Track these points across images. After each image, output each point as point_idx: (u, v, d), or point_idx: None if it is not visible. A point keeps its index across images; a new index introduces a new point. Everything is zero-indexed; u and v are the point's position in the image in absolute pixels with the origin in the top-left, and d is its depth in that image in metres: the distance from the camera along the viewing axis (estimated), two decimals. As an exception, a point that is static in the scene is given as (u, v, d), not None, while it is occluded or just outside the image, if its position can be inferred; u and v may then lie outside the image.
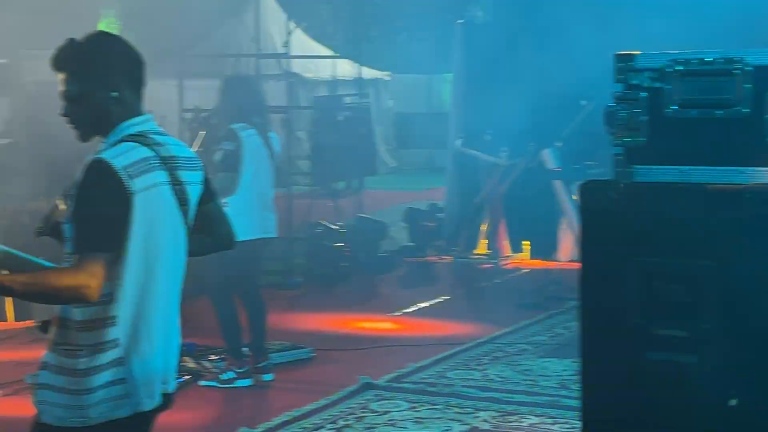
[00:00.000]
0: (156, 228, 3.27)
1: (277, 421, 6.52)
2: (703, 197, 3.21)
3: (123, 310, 3.22)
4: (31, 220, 10.41)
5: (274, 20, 19.61)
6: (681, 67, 3.29)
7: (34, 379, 3.26)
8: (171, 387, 3.42)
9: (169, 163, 3.32)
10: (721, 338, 3.16)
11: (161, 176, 3.28)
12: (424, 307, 10.12)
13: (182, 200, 3.37)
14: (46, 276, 3.22)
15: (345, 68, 19.80)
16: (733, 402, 3.14)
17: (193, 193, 3.44)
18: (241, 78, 8.29)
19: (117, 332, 3.22)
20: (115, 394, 3.22)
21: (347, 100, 16.57)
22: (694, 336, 3.18)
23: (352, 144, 14.81)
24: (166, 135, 3.40)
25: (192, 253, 3.51)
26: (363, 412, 6.69)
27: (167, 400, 3.40)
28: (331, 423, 6.50)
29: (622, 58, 3.37)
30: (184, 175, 3.38)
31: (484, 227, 12.06)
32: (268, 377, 7.50)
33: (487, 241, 12.05)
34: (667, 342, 3.21)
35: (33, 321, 8.93)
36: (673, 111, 3.30)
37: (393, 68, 26.01)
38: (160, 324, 3.32)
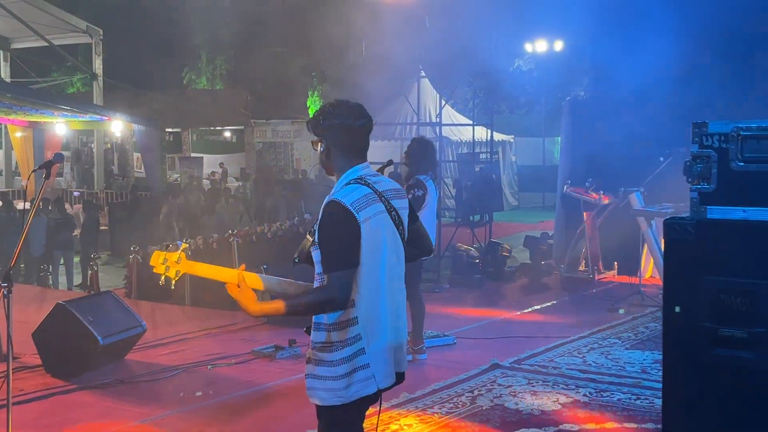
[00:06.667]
0: (380, 246, 3.19)
1: (429, 389, 6.49)
2: (759, 231, 3.06)
3: (361, 310, 3.15)
4: (257, 239, 10.70)
5: (430, 98, 19.78)
6: (743, 132, 3.15)
7: (260, 354, 3.29)
8: (403, 367, 3.32)
9: (384, 196, 3.25)
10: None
11: (380, 207, 3.22)
12: (537, 308, 9.96)
13: (398, 223, 3.29)
14: (308, 295, 3.18)
15: (481, 133, 19.76)
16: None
17: (404, 216, 3.35)
18: (425, 140, 8.33)
19: (358, 329, 3.14)
20: (363, 376, 3.15)
21: (482, 156, 16.55)
22: (751, 337, 3.02)
23: (486, 188, 14.77)
24: (379, 175, 3.34)
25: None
26: (492, 385, 6.61)
27: (400, 378, 3.31)
28: (468, 392, 6.43)
29: (697, 125, 3.24)
30: (396, 203, 3.30)
31: (584, 250, 11.78)
32: (423, 357, 7.49)
33: (584, 261, 11.77)
34: (730, 341, 3.06)
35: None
36: (737, 165, 3.16)
37: (516, 133, 25.94)
38: (390, 319, 3.22)
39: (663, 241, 3.29)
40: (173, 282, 3.28)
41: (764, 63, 10.17)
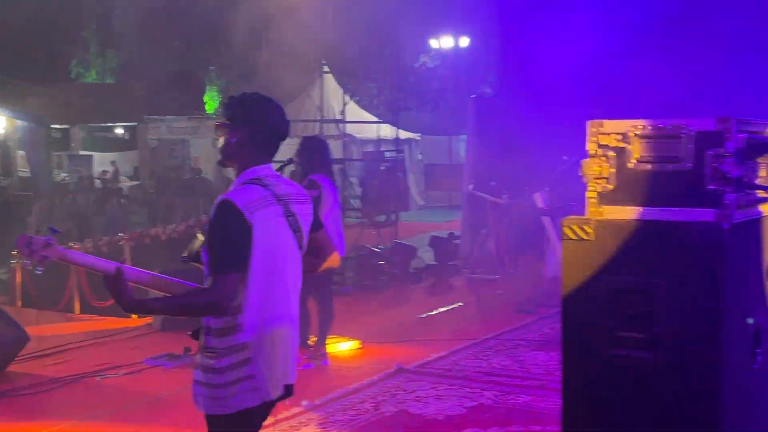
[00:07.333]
0: (273, 251, 3.13)
1: (331, 397, 6.48)
2: (656, 231, 3.16)
3: (248, 318, 3.08)
4: (151, 242, 10.50)
5: (334, 95, 19.78)
6: (639, 132, 3.25)
7: (153, 363, 3.23)
8: (292, 379, 3.26)
9: (283, 199, 3.19)
10: (669, 340, 3.10)
11: (276, 210, 3.16)
12: (443, 311, 10.07)
13: (295, 228, 3.23)
14: (187, 296, 3.14)
15: (386, 131, 19.89)
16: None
17: (305, 222, 3.30)
18: (316, 138, 8.28)
19: (244, 336, 3.08)
20: (247, 387, 3.10)
21: (388, 154, 16.65)
22: (650, 337, 3.12)
23: (391, 187, 14.87)
24: (280, 178, 3.27)
25: (306, 270, 3.37)
26: (396, 391, 6.65)
27: (288, 390, 3.25)
28: (372, 399, 6.45)
29: (593, 124, 3.33)
30: (295, 208, 3.25)
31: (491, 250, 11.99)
32: (325, 363, 7.48)
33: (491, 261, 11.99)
34: (628, 342, 3.16)
35: (151, 318, 8.99)
36: (634, 165, 3.26)
37: (422, 131, 26.18)
38: (280, 328, 3.16)
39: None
40: (37, 266, 3.14)
41: (681, 57, 10.50)
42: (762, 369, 3.38)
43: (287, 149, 8.06)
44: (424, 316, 9.78)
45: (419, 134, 25.90)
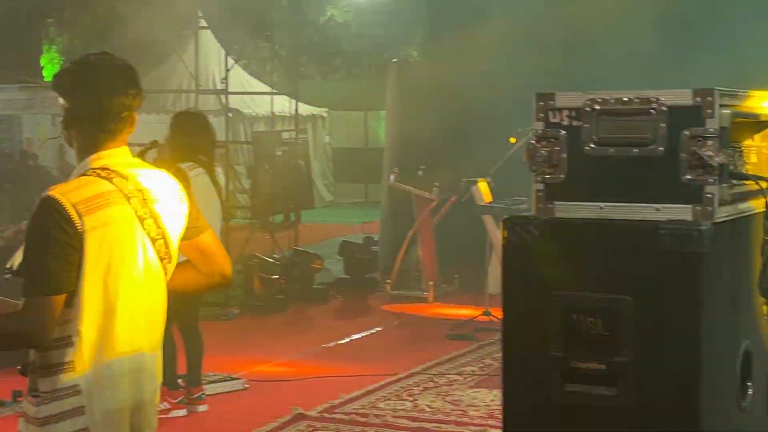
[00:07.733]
0: (116, 265, 3.04)
1: (209, 452, 6.45)
2: (620, 233, 3.21)
3: (80, 354, 2.99)
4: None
5: (213, 57, 19.61)
6: (599, 107, 3.29)
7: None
8: None
9: (137, 197, 3.12)
10: (637, 372, 3.15)
11: (124, 211, 3.08)
12: (356, 339, 10.09)
13: (156, 236, 3.15)
14: None
15: (283, 104, 19.82)
16: None
17: (172, 226, 3.22)
18: (191, 114, 8.20)
19: (76, 379, 3.00)
20: None
21: (285, 135, 16.59)
22: (611, 369, 3.17)
23: (290, 178, 14.83)
24: (139, 167, 3.19)
25: (182, 289, 3.34)
26: (295, 443, 6.65)
27: None
28: (263, 453, 6.44)
29: (541, 97, 3.36)
30: (160, 208, 3.16)
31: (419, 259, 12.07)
32: (202, 408, 7.43)
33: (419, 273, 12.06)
34: (585, 374, 3.20)
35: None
36: (592, 149, 3.30)
37: (330, 105, 26.14)
38: (126, 368, 3.07)
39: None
40: None
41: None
42: (752, 406, 3.47)
43: (154, 128, 7.98)
44: (332, 345, 9.79)
45: (326, 109, 25.86)
